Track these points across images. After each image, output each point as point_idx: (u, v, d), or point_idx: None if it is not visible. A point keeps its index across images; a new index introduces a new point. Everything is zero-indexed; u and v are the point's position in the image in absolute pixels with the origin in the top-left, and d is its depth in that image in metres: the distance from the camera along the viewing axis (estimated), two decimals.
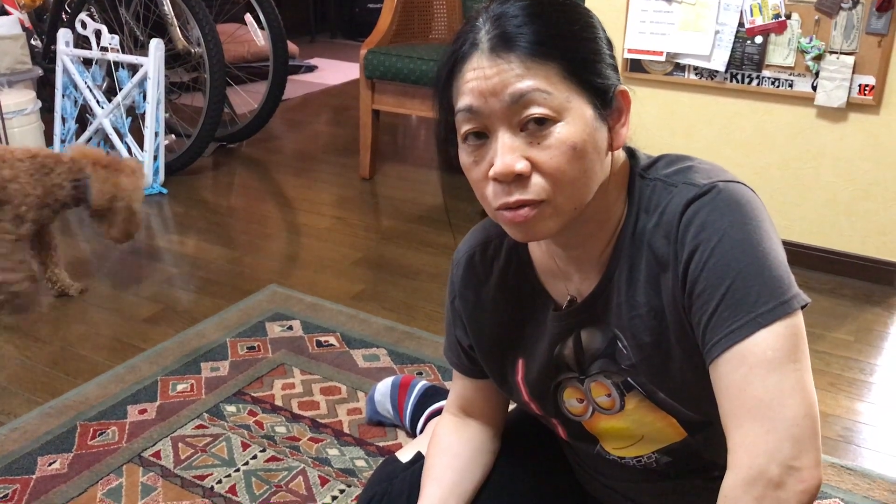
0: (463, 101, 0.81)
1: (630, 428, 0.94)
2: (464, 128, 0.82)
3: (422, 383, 1.67)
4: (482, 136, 0.81)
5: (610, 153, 0.85)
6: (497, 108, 0.79)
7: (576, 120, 0.79)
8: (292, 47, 4.39)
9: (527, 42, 0.78)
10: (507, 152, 0.78)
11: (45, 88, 3.49)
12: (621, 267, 0.88)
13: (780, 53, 2.25)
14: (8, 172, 2.17)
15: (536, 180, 0.79)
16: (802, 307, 0.78)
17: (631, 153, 0.92)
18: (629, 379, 0.90)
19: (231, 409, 1.75)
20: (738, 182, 0.84)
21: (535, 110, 0.77)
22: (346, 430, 1.69)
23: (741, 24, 2.27)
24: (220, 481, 1.53)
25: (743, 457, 0.75)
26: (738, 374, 0.76)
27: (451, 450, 1.08)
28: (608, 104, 0.82)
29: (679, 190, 0.84)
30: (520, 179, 0.79)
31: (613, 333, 0.90)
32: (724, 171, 0.86)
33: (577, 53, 0.80)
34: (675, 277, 0.82)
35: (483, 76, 0.79)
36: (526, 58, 0.78)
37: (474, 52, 0.80)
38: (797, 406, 0.74)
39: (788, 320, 0.76)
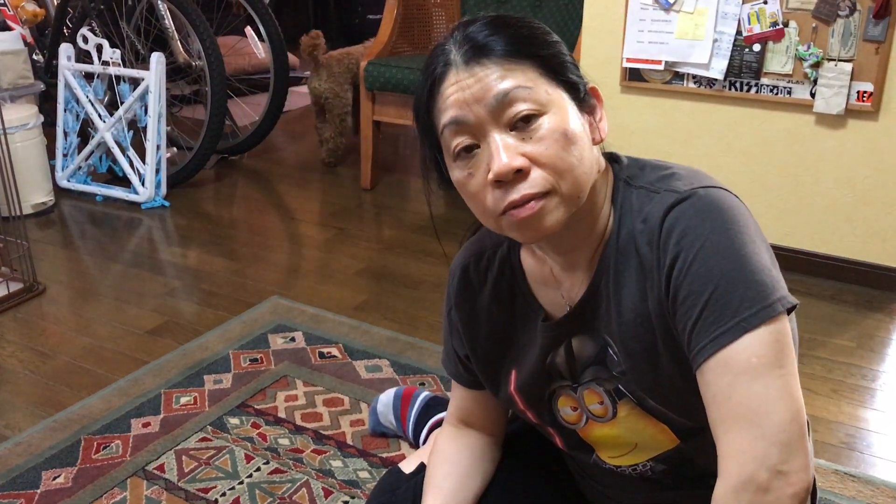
0: (447, 115, 0.82)
1: (623, 435, 0.95)
2: (453, 143, 0.83)
3: (424, 394, 1.67)
4: (472, 148, 0.82)
5: (595, 148, 0.88)
6: (483, 114, 0.80)
7: (560, 110, 0.82)
8: (293, 59, 4.39)
9: (501, 46, 0.81)
10: (504, 150, 0.80)
11: (47, 103, 3.51)
12: (608, 274, 0.88)
13: (778, 61, 2.26)
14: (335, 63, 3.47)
15: (537, 173, 0.80)
16: (790, 310, 0.78)
17: (615, 158, 0.93)
18: (620, 386, 0.91)
19: (234, 421, 1.76)
20: (720, 187, 0.84)
21: (522, 107, 0.80)
22: (349, 441, 1.69)
23: (739, 33, 2.28)
24: (223, 494, 1.54)
25: (732, 464, 0.76)
26: (724, 382, 0.77)
27: (450, 458, 1.09)
28: (582, 100, 0.86)
29: (661, 196, 0.85)
30: (519, 177, 0.80)
31: (604, 340, 0.91)
32: (708, 176, 0.87)
33: (549, 53, 0.84)
34: (658, 284, 0.83)
35: (464, 87, 0.81)
36: (502, 60, 0.81)
37: (449, 70, 0.83)
38: (783, 411, 0.75)
39: (773, 325, 0.77)
